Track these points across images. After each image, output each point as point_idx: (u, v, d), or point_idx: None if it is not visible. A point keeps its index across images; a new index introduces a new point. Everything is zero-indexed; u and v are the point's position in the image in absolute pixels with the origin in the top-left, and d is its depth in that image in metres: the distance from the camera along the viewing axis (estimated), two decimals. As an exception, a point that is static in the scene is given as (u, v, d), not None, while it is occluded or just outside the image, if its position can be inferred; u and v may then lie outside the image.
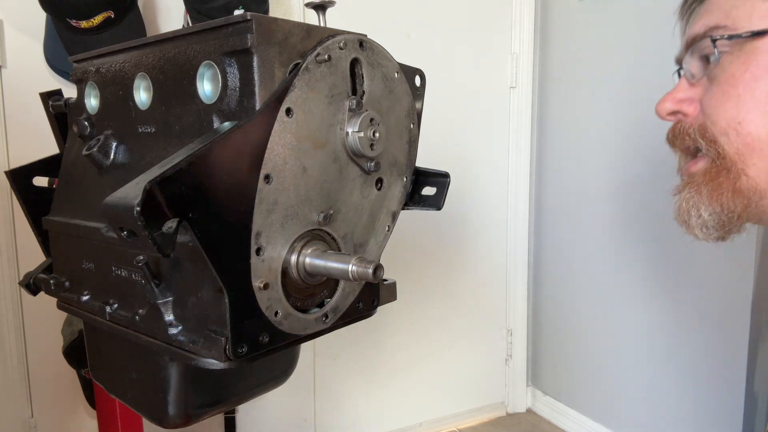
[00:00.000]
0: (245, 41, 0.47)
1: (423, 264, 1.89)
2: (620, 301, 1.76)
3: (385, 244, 0.61)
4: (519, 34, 1.96)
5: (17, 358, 1.42)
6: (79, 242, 0.62)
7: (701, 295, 1.51)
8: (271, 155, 0.47)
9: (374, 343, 1.86)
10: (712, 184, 0.57)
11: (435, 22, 1.83)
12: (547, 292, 2.05)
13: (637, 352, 1.71)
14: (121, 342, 0.60)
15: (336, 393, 1.83)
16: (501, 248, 2.05)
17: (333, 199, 0.54)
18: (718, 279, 1.47)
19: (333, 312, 0.56)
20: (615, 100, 1.73)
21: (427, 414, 1.99)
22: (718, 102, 0.56)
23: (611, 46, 1.74)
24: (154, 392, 0.58)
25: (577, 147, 1.88)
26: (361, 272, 0.48)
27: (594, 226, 1.83)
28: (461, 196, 1.93)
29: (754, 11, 0.53)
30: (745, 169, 0.55)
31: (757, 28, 0.52)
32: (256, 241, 0.47)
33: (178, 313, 0.52)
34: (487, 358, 2.08)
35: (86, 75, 0.63)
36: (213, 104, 0.50)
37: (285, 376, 0.66)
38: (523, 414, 2.12)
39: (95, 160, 0.59)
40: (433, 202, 0.63)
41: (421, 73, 0.62)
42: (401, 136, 0.60)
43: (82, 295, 0.63)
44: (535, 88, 2.02)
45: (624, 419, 1.78)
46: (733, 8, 0.55)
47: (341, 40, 0.52)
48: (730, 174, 0.55)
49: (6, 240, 1.38)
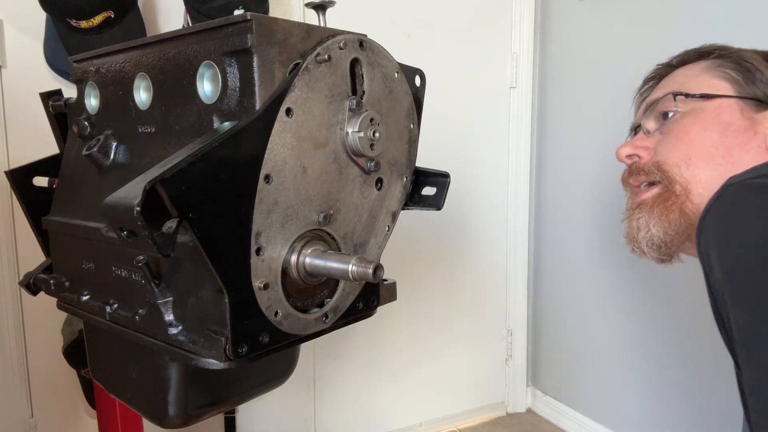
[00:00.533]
0: (245, 41, 0.47)
1: (423, 264, 1.89)
2: (620, 300, 1.76)
3: (385, 244, 0.62)
4: (519, 34, 1.96)
5: (17, 358, 1.42)
6: (79, 242, 0.62)
7: (701, 295, 1.51)
8: (271, 155, 0.47)
9: (374, 343, 1.86)
10: (664, 205, 0.68)
11: (435, 22, 1.83)
12: (547, 292, 2.05)
13: (637, 352, 1.71)
14: (121, 342, 0.60)
15: (336, 393, 1.83)
16: (501, 248, 2.05)
17: (333, 199, 0.54)
18: (718, 279, 1.47)
19: (333, 312, 0.56)
20: (615, 100, 1.73)
21: (427, 414, 1.99)
22: (672, 145, 0.69)
23: (611, 46, 1.74)
24: (154, 392, 0.58)
25: (577, 147, 1.88)
26: (361, 272, 0.48)
27: (594, 226, 1.83)
28: (461, 196, 1.93)
29: (703, 84, 0.70)
30: (690, 195, 0.66)
31: (705, 92, 0.69)
32: (256, 241, 0.47)
33: (178, 313, 0.52)
34: (487, 358, 2.08)
35: (86, 75, 0.63)
36: (213, 104, 0.50)
37: (285, 376, 0.66)
38: (523, 414, 2.12)
39: (95, 160, 0.59)
40: (433, 202, 0.64)
41: (421, 73, 0.62)
42: (401, 136, 0.60)
43: (82, 295, 0.63)
44: (535, 88, 2.02)
45: (624, 419, 1.78)
46: (686, 81, 0.71)
47: (341, 40, 0.52)
48: (678, 198, 0.67)
49: (6, 240, 1.38)
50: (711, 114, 0.67)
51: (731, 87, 0.69)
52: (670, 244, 0.68)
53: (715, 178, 0.65)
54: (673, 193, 0.67)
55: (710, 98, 0.68)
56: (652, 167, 0.70)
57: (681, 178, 0.67)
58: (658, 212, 0.68)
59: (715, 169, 0.65)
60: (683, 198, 0.66)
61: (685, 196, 0.66)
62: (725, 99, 0.68)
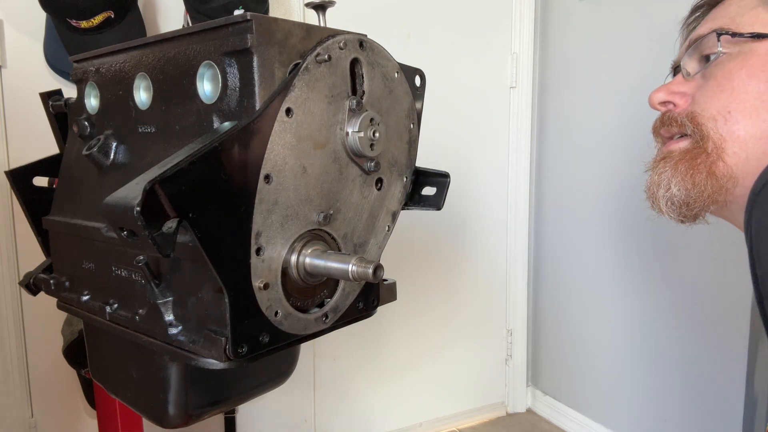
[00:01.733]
0: (245, 41, 0.47)
1: (423, 264, 1.89)
2: (620, 300, 1.76)
3: (385, 244, 0.61)
4: (519, 34, 1.96)
5: (17, 358, 1.42)
6: (79, 242, 0.62)
7: (701, 295, 1.51)
8: (271, 155, 0.47)
9: (374, 343, 1.86)
10: (690, 163, 0.60)
11: (435, 22, 1.83)
12: (547, 292, 2.05)
13: (637, 352, 1.71)
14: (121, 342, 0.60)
15: (336, 393, 1.83)
16: (501, 248, 2.05)
17: (333, 199, 0.54)
18: (717, 279, 1.47)
19: (333, 312, 0.56)
20: (615, 99, 1.73)
21: (427, 414, 1.99)
22: (712, 93, 0.60)
23: (611, 46, 1.74)
24: (154, 392, 0.58)
25: (577, 147, 1.88)
26: (361, 272, 0.48)
27: (594, 225, 1.83)
28: (461, 196, 1.93)
29: (757, 19, 0.59)
30: (724, 155, 0.58)
31: (758, 31, 0.58)
32: (256, 241, 0.47)
33: (178, 313, 0.52)
34: (487, 358, 2.08)
35: (86, 75, 0.63)
36: (213, 104, 0.50)
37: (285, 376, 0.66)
38: (523, 414, 2.12)
39: (95, 160, 0.59)
40: (433, 202, 0.63)
41: (421, 73, 0.62)
42: (401, 136, 0.60)
43: (82, 295, 0.63)
44: (535, 88, 2.02)
45: (624, 419, 1.78)
46: (737, 15, 0.60)
47: (341, 40, 0.52)
48: (709, 157, 0.59)
49: (6, 240, 1.38)
50: (762, 58, 0.57)
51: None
52: (692, 206, 0.60)
53: (756, 136, 0.57)
54: (704, 150, 0.59)
55: (763, 38, 0.58)
56: (686, 119, 0.61)
57: (716, 135, 0.58)
58: (683, 170, 0.60)
59: (758, 126, 0.57)
60: (714, 157, 0.58)
61: (717, 155, 0.58)
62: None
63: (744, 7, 0.61)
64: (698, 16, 0.68)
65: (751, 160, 0.57)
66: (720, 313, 1.47)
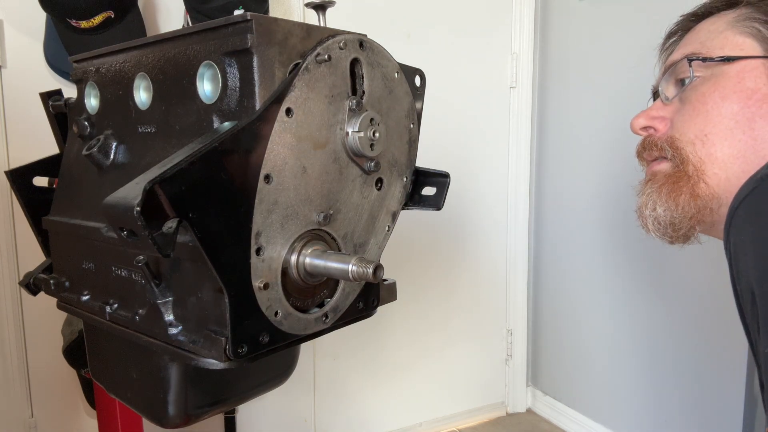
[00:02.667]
0: (245, 41, 0.47)
1: (423, 264, 1.89)
2: (620, 301, 1.76)
3: (385, 244, 0.61)
4: (519, 34, 1.96)
5: (17, 358, 1.42)
6: (79, 242, 0.62)
7: (701, 295, 1.51)
8: (271, 155, 0.47)
9: (374, 343, 1.86)
10: (673, 186, 0.62)
11: (435, 23, 1.83)
12: (547, 292, 2.05)
13: (637, 352, 1.71)
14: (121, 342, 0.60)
15: (336, 393, 1.83)
16: (501, 248, 2.05)
17: (333, 199, 0.54)
18: (717, 279, 1.47)
19: (333, 312, 0.56)
20: (615, 100, 1.73)
21: (427, 414, 1.99)
22: (689, 117, 0.62)
23: (611, 46, 1.74)
24: (154, 392, 0.58)
25: (577, 147, 1.88)
26: (361, 272, 0.48)
27: (594, 226, 1.83)
28: (461, 196, 1.93)
29: (726, 43, 0.61)
30: (704, 177, 0.60)
31: (727, 54, 0.60)
32: (256, 241, 0.47)
33: (178, 313, 0.52)
34: (487, 358, 2.08)
35: (86, 75, 0.63)
36: (213, 104, 0.50)
37: (285, 376, 0.66)
38: (523, 414, 2.12)
39: (95, 160, 0.59)
40: (433, 202, 0.63)
41: (421, 73, 0.62)
42: (401, 136, 0.60)
43: (82, 295, 0.63)
44: (535, 88, 2.02)
45: (624, 419, 1.78)
46: (707, 40, 0.63)
47: (341, 40, 0.52)
48: (690, 179, 0.61)
49: (6, 240, 1.38)
50: (732, 80, 0.59)
51: (759, 45, 0.59)
52: (678, 226, 0.62)
53: (733, 156, 0.59)
54: (685, 173, 0.61)
55: (733, 61, 0.59)
56: (665, 143, 0.63)
57: (695, 158, 0.60)
58: (666, 192, 0.62)
59: (734, 146, 0.59)
60: (696, 179, 0.60)
61: (698, 177, 0.60)
62: (750, 60, 0.59)
63: (713, 31, 0.63)
64: (674, 41, 0.71)
65: (732, 180, 0.59)
66: (720, 313, 1.47)
